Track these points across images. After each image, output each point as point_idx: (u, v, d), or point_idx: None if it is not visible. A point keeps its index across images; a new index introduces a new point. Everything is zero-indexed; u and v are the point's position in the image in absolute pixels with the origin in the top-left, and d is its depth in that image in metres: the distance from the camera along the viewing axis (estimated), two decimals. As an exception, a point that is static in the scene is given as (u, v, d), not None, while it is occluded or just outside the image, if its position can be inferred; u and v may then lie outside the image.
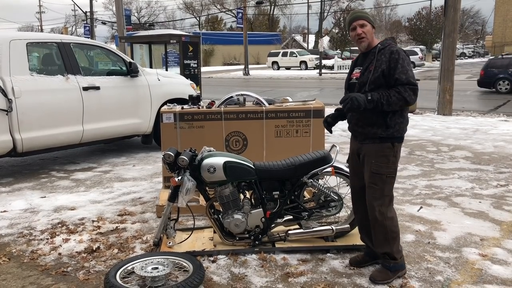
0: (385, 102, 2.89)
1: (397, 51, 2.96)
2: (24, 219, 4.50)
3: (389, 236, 3.11)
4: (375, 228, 3.15)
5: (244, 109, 4.96)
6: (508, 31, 50.21)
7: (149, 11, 68.55)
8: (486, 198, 4.92)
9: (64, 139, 6.19)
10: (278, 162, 3.67)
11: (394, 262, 3.14)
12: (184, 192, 3.40)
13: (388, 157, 3.04)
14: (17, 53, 5.72)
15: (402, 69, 2.91)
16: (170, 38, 11.80)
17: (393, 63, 2.93)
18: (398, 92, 2.89)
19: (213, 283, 3.15)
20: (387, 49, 2.99)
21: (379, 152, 3.04)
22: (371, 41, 3.09)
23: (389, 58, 2.95)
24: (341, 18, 46.68)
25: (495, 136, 8.37)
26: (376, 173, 3.05)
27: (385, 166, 3.04)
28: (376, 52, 3.02)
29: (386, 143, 3.03)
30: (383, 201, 3.08)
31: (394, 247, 3.14)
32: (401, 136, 3.07)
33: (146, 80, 7.13)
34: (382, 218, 3.08)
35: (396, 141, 3.05)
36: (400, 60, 2.93)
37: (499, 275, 3.22)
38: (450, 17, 11.13)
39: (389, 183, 3.09)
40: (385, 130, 3.01)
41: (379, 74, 2.96)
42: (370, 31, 3.07)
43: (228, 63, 52.79)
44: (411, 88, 2.90)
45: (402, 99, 2.89)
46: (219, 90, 18.61)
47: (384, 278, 3.12)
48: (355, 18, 3.10)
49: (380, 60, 2.98)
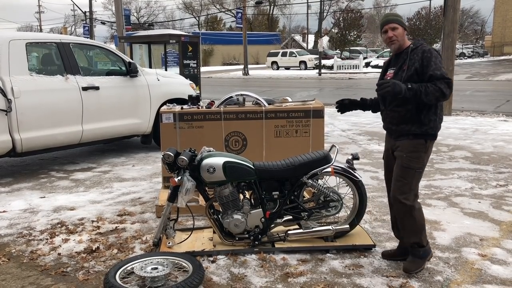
0: (423, 91, 2.98)
1: (429, 50, 3.09)
2: (23, 219, 4.50)
3: (418, 227, 3.23)
4: (404, 221, 3.26)
5: (244, 109, 4.96)
6: (507, 31, 50.23)
7: (148, 11, 68.62)
8: (485, 198, 4.92)
9: (64, 139, 6.19)
10: (277, 162, 3.67)
11: (423, 250, 3.26)
12: (183, 192, 3.40)
13: (419, 153, 3.16)
14: (16, 53, 5.72)
15: (436, 66, 3.04)
16: (170, 38, 11.80)
17: (426, 61, 3.06)
18: (435, 84, 3.00)
19: (213, 283, 3.15)
20: (419, 49, 3.12)
21: (411, 148, 3.16)
22: (402, 43, 3.22)
23: (422, 56, 3.08)
24: (340, 18, 46.70)
25: (494, 136, 8.37)
26: (406, 167, 3.17)
27: (415, 161, 3.16)
28: (409, 51, 3.16)
29: (420, 139, 3.16)
30: (409, 195, 3.18)
31: (423, 236, 3.26)
32: (434, 133, 3.19)
33: (146, 80, 7.13)
34: (411, 210, 3.19)
35: (429, 138, 3.18)
36: (433, 58, 3.06)
37: (499, 275, 3.22)
38: (450, 17, 11.13)
39: (417, 178, 3.21)
40: (419, 127, 3.14)
41: (413, 73, 3.08)
42: (401, 33, 3.20)
43: (227, 63, 52.78)
44: (446, 81, 3.00)
45: (439, 90, 2.98)
46: (219, 90, 18.61)
47: (417, 267, 3.24)
48: (387, 21, 3.23)
49: (413, 59, 3.11)
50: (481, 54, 49.72)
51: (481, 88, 18.38)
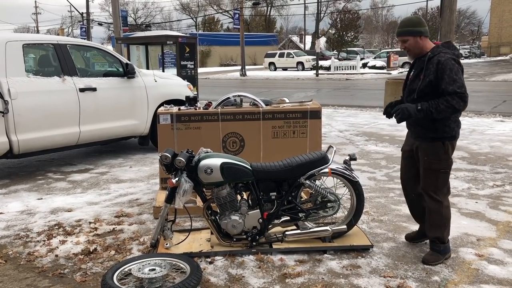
0: (434, 111, 3.06)
1: (445, 61, 3.08)
2: (20, 221, 4.49)
3: (443, 222, 3.37)
4: (430, 215, 3.39)
5: (241, 110, 4.96)
6: (504, 32, 50.42)
7: (145, 12, 68.63)
8: (482, 198, 4.94)
9: (61, 140, 6.18)
10: (275, 163, 3.67)
11: (444, 246, 3.40)
12: (181, 194, 3.40)
13: (439, 155, 3.26)
14: (13, 55, 5.71)
15: (449, 79, 3.05)
16: (167, 39, 11.80)
17: (440, 74, 3.08)
18: (446, 100, 3.04)
19: (211, 284, 3.15)
20: (435, 59, 3.14)
21: (430, 150, 3.28)
22: (418, 50, 3.28)
23: (436, 68, 3.10)
24: (337, 19, 46.79)
25: (491, 137, 8.40)
26: (428, 169, 3.30)
27: (436, 163, 3.27)
28: (426, 60, 3.19)
29: (437, 142, 3.25)
30: (439, 192, 3.33)
31: (446, 232, 3.40)
32: (451, 135, 3.26)
33: (143, 81, 7.12)
34: (439, 206, 3.34)
35: (447, 140, 3.25)
36: (447, 70, 3.06)
37: (496, 275, 3.23)
38: (446, 18, 11.16)
39: (443, 178, 3.32)
40: (434, 132, 3.23)
41: (427, 84, 3.15)
42: (412, 44, 3.25)
43: (225, 64, 52.78)
44: (459, 96, 3.03)
45: (451, 107, 3.04)
46: (216, 91, 18.62)
47: (436, 260, 3.38)
48: (397, 34, 3.36)
49: (428, 69, 3.16)
50: (477, 54, 49.86)
51: (478, 89, 18.42)
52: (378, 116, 11.32)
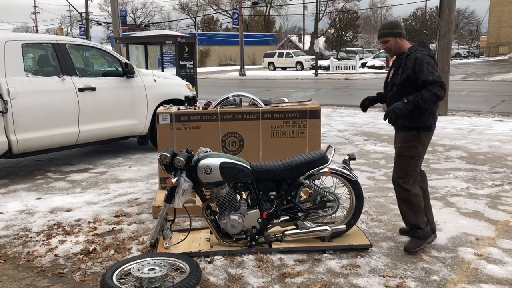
0: (420, 100, 3.32)
1: (421, 57, 3.39)
2: (20, 221, 4.48)
3: (415, 210, 3.56)
4: (402, 205, 3.62)
5: (240, 110, 4.96)
6: (502, 32, 50.46)
7: (144, 11, 68.57)
8: (481, 198, 4.94)
9: (60, 140, 6.17)
10: (274, 163, 3.67)
11: (422, 231, 3.57)
12: (180, 193, 3.40)
13: (412, 142, 3.51)
14: (12, 54, 5.70)
15: (428, 71, 3.34)
16: (166, 39, 11.79)
17: (418, 68, 3.37)
18: (428, 89, 3.32)
19: (210, 284, 3.16)
20: (412, 56, 3.45)
21: (404, 138, 3.54)
22: (397, 50, 3.59)
23: (414, 64, 3.40)
24: (336, 18, 46.78)
25: (490, 136, 8.41)
26: (401, 155, 3.57)
27: (408, 150, 3.52)
28: (404, 57, 3.51)
29: (412, 131, 3.50)
30: (407, 180, 3.54)
31: (420, 219, 3.57)
32: (425, 126, 3.50)
33: (142, 81, 7.12)
34: (408, 195, 3.54)
35: (421, 130, 3.49)
36: (425, 64, 3.36)
37: (495, 274, 3.24)
38: (445, 17, 11.17)
39: (413, 165, 3.54)
40: (411, 121, 3.47)
41: (405, 78, 3.44)
42: (393, 44, 3.58)
43: (224, 64, 52.75)
44: (439, 84, 3.32)
45: (434, 94, 3.31)
46: (215, 91, 18.61)
47: (417, 246, 3.56)
48: (378, 36, 3.68)
49: (406, 65, 3.46)
50: (476, 54, 49.90)
51: (476, 89, 18.45)
52: (377, 116, 11.32)
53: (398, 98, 3.43)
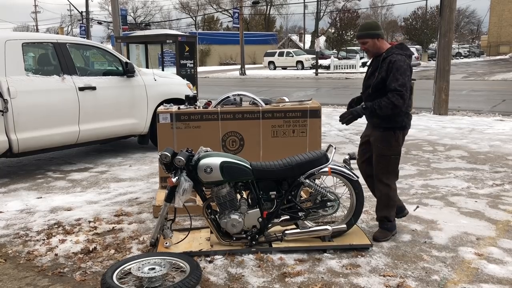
0: (377, 108, 3.49)
1: (395, 61, 3.48)
2: (20, 220, 4.48)
3: (390, 203, 3.78)
4: (381, 198, 3.80)
5: (241, 109, 4.96)
6: (503, 31, 50.42)
7: (145, 11, 68.54)
8: (482, 197, 4.94)
9: (60, 139, 6.17)
10: (275, 162, 3.67)
11: (391, 224, 3.82)
12: (181, 193, 3.40)
13: (390, 142, 3.65)
14: (12, 53, 5.70)
15: (393, 78, 3.45)
16: (166, 38, 11.78)
17: (389, 72, 3.48)
18: (387, 97, 3.46)
19: (210, 283, 3.15)
20: (388, 59, 3.53)
21: (382, 138, 3.66)
22: (376, 50, 3.66)
23: (387, 67, 3.51)
24: (337, 18, 46.77)
25: (490, 136, 8.40)
26: (381, 155, 3.69)
27: (387, 149, 3.66)
28: (381, 60, 3.59)
29: (389, 131, 3.63)
30: (389, 176, 3.74)
31: (391, 212, 3.81)
32: (401, 126, 3.65)
33: (143, 80, 7.11)
34: (388, 189, 3.74)
35: (398, 129, 3.64)
36: (395, 69, 3.46)
37: (495, 274, 3.23)
38: (446, 17, 11.16)
39: (393, 163, 3.73)
40: (388, 122, 3.60)
41: (380, 80, 3.55)
42: (371, 45, 3.64)
43: (224, 63, 52.74)
44: (398, 93, 3.43)
45: (391, 103, 3.44)
46: (216, 90, 18.61)
47: (384, 236, 3.80)
48: (357, 37, 3.74)
49: (382, 68, 3.56)
50: (477, 53, 49.89)
51: (477, 88, 18.44)
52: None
53: (372, 100, 3.57)
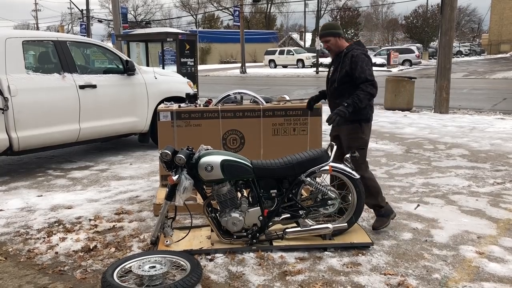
0: (357, 101, 3.64)
1: (357, 55, 3.72)
2: (20, 218, 4.48)
3: (373, 191, 3.87)
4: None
5: (241, 108, 4.95)
6: (504, 29, 50.36)
7: (145, 9, 68.43)
8: (483, 196, 4.93)
9: (61, 137, 6.17)
10: (275, 161, 3.66)
11: (384, 209, 3.91)
12: (181, 191, 3.39)
13: (357, 134, 3.84)
14: (13, 51, 5.69)
15: (361, 69, 3.67)
16: (167, 36, 11.78)
17: (354, 65, 3.70)
18: (361, 89, 3.65)
19: (211, 281, 3.15)
20: (349, 54, 3.77)
21: (350, 131, 3.84)
22: (337, 49, 3.90)
23: (351, 61, 3.73)
24: (337, 16, 46.71)
25: (491, 134, 8.39)
26: (349, 147, 3.83)
27: (355, 141, 3.83)
28: (342, 56, 3.83)
29: (355, 124, 3.82)
30: (359, 167, 3.80)
31: (379, 198, 3.90)
32: (366, 118, 3.86)
33: (143, 78, 7.11)
34: (364, 181, 3.79)
35: (363, 122, 3.85)
36: (360, 62, 3.69)
37: (496, 272, 3.23)
38: (447, 15, 11.15)
39: (361, 154, 3.83)
40: (354, 115, 3.72)
41: (344, 74, 3.77)
42: (333, 43, 3.89)
43: (225, 61, 52.71)
44: (370, 83, 3.66)
45: (367, 93, 3.66)
46: (216, 89, 18.60)
47: (382, 223, 3.90)
48: (320, 36, 3.97)
49: (344, 62, 3.79)
50: (478, 52, 49.85)
51: (478, 86, 18.43)
52: (378, 114, 11.31)
53: (338, 93, 3.81)
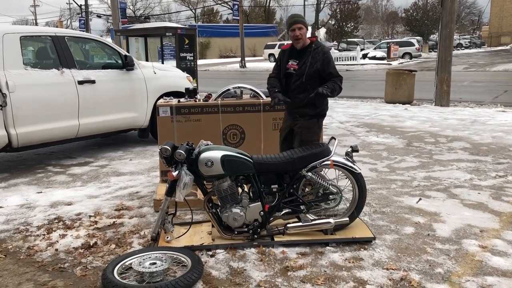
0: (337, 88, 3.84)
1: (328, 52, 3.93)
2: (20, 215, 4.46)
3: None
4: None
5: (241, 102, 4.92)
6: (504, 22, 50.20)
7: (144, 4, 68.10)
8: (485, 189, 4.90)
9: (60, 133, 6.14)
10: (276, 155, 3.64)
11: None
12: (181, 186, 3.37)
13: (314, 129, 3.98)
14: (11, 47, 5.65)
15: (333, 65, 3.91)
16: (166, 31, 11.72)
17: (326, 62, 3.86)
18: (335, 82, 3.84)
19: (212, 277, 3.13)
20: (320, 50, 3.89)
21: (308, 125, 3.95)
22: (305, 41, 3.92)
23: (323, 57, 3.86)
24: (337, 9, 46.56)
25: (493, 127, 8.35)
26: (305, 141, 3.91)
27: (311, 135, 3.95)
28: (312, 51, 3.88)
29: (313, 119, 3.96)
30: None
31: None
32: (324, 113, 4.06)
33: (142, 73, 7.07)
34: None
35: (320, 117, 4.03)
36: (331, 59, 3.92)
37: (499, 266, 3.21)
38: (447, 7, 11.08)
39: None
40: (314, 110, 3.91)
41: (315, 69, 3.84)
42: (305, 33, 3.90)
43: (224, 56, 52.57)
44: (340, 79, 3.89)
45: (339, 86, 3.86)
46: (216, 83, 18.54)
47: None
48: (295, 21, 3.89)
49: (315, 58, 3.85)
50: (478, 44, 49.72)
51: (478, 79, 18.37)
52: (379, 107, 11.27)
53: (303, 88, 3.86)
